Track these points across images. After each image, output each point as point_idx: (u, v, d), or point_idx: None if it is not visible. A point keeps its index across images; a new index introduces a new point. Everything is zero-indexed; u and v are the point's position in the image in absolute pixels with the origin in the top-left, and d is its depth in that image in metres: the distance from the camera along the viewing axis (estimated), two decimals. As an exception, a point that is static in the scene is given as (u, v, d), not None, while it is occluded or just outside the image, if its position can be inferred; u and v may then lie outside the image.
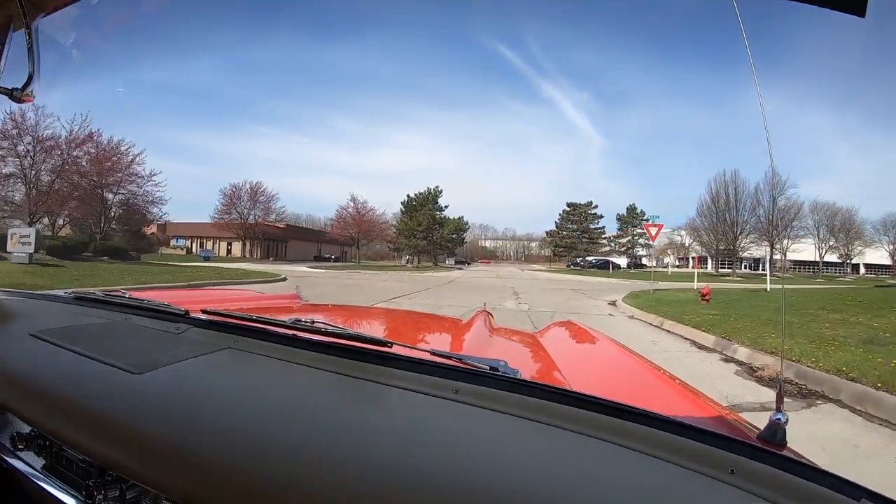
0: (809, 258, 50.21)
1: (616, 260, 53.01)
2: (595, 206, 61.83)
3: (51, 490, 0.82)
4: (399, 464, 0.61)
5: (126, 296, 1.45)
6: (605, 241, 61.61)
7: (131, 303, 1.38)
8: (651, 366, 1.50)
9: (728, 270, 39.46)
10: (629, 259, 58.11)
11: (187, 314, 1.22)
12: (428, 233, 52.99)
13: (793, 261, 48.55)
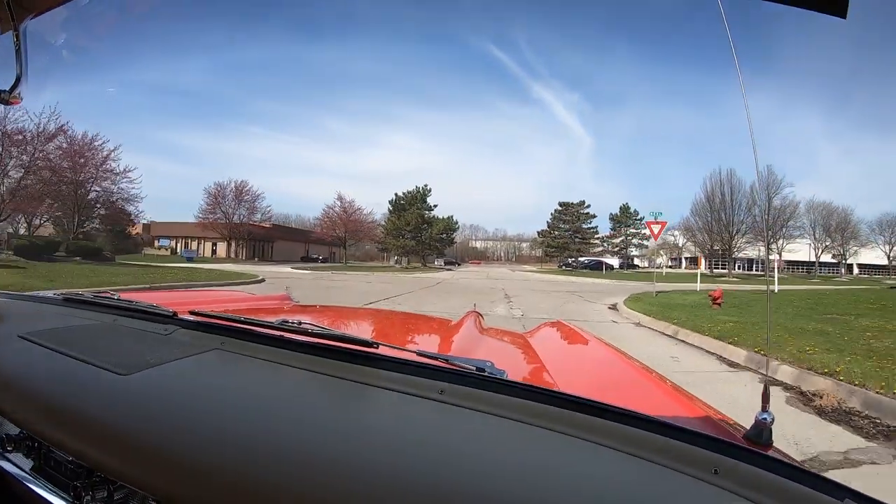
0: (804, 258, 49.83)
1: (608, 260, 52.25)
2: (588, 206, 60.90)
3: (39, 492, 0.81)
4: (384, 464, 0.61)
5: (115, 297, 1.46)
6: (598, 241, 60.60)
7: (120, 304, 1.38)
8: (640, 366, 1.47)
9: (723, 271, 38.62)
10: (621, 260, 57.45)
11: (175, 315, 1.22)
12: (416, 232, 51.72)
13: (787, 261, 48.05)
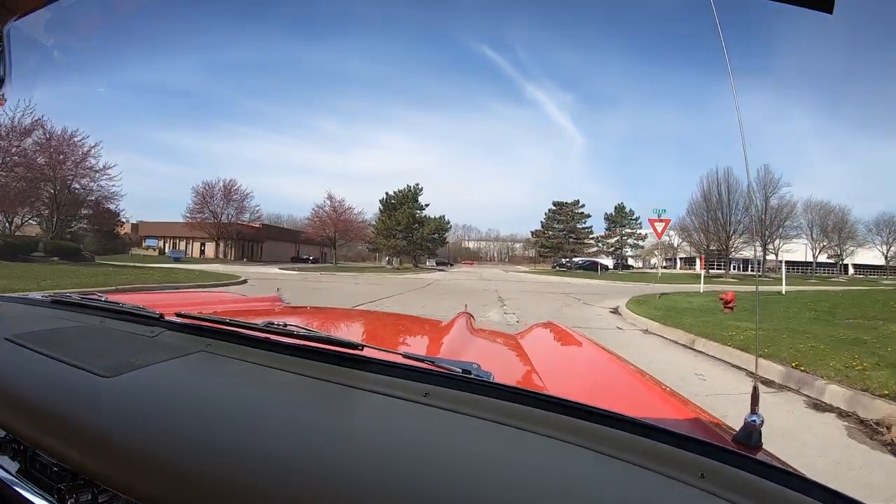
0: (800, 258, 49.40)
1: (602, 261, 51.63)
2: (582, 206, 59.91)
3: (25, 494, 0.81)
4: (367, 468, 0.61)
5: (103, 299, 1.46)
6: (593, 242, 59.72)
7: (107, 306, 1.39)
8: (632, 368, 1.45)
9: (720, 271, 37.97)
10: (615, 260, 56.86)
11: (162, 317, 1.22)
12: (407, 232, 50.58)
13: (783, 261, 47.61)
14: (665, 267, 48.57)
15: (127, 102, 72.68)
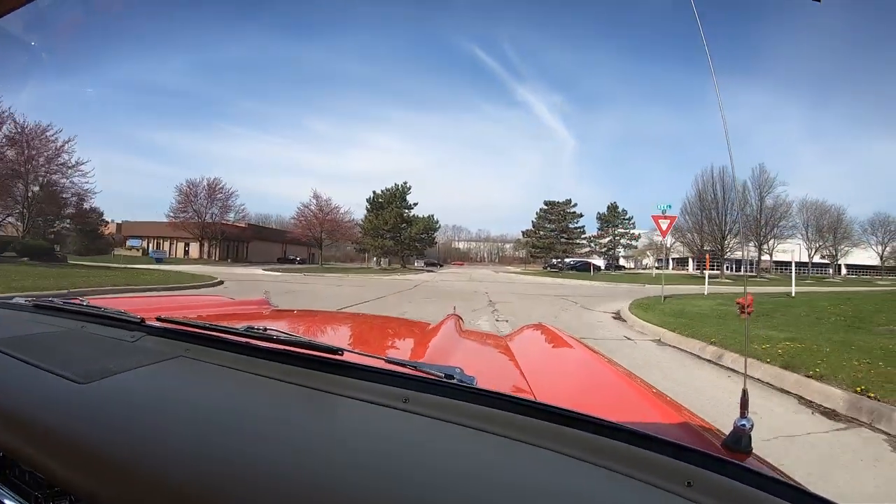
0: (795, 258, 49.02)
1: (594, 261, 50.89)
2: (574, 205, 59.16)
3: (4, 501, 0.78)
4: (345, 476, 0.59)
5: (84, 303, 1.44)
6: (586, 242, 58.94)
7: (88, 310, 1.36)
8: (623, 372, 1.40)
9: (716, 272, 37.25)
10: (607, 261, 56.19)
11: (142, 322, 1.20)
12: (395, 232, 49.33)
13: (776, 261, 47.23)
14: (657, 267, 47.87)
15: (113, 100, 72.34)
